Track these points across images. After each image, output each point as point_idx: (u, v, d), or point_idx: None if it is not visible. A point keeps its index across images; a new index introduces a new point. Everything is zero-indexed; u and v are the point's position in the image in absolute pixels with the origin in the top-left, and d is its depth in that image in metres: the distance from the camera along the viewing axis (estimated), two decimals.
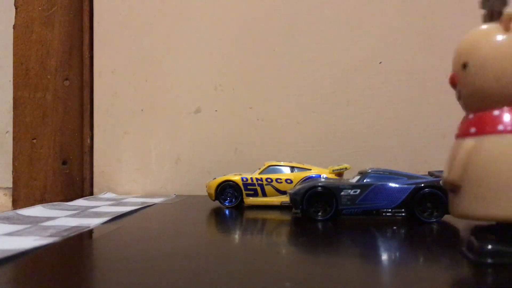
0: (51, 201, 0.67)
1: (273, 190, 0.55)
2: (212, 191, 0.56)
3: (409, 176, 0.45)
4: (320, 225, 0.42)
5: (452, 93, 0.33)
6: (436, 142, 0.70)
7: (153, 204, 0.58)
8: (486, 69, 0.28)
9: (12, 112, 0.75)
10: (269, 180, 0.55)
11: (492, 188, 0.26)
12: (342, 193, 0.44)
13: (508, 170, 0.26)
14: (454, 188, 0.28)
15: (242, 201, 0.56)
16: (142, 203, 0.59)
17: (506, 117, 0.27)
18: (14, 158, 0.74)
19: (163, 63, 0.78)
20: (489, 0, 0.29)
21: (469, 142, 0.29)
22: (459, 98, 0.30)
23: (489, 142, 0.27)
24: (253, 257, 0.31)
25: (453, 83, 0.30)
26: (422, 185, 0.43)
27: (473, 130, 0.29)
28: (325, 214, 0.44)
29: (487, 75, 0.28)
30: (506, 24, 0.28)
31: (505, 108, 0.27)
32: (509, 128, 0.27)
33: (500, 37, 0.28)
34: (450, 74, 0.30)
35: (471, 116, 0.30)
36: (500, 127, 0.27)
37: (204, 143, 0.76)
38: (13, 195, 0.74)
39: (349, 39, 0.73)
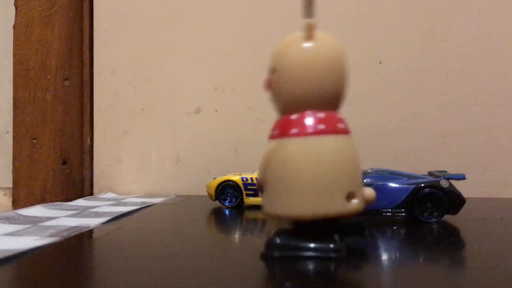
0: (51, 201, 0.67)
1: None
2: (212, 191, 0.56)
3: (409, 176, 0.45)
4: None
5: (452, 93, 0.33)
6: (436, 142, 0.70)
7: (153, 204, 0.58)
8: (289, 74, 0.29)
9: (12, 112, 0.74)
10: None
11: (282, 188, 0.28)
12: None
13: (295, 172, 0.28)
14: (261, 187, 0.30)
15: (242, 201, 0.55)
16: (142, 203, 0.59)
17: (301, 121, 0.29)
18: (14, 158, 0.74)
19: (163, 63, 0.78)
20: (309, 9, 0.30)
21: (270, 145, 0.30)
22: (272, 101, 0.31)
23: (284, 145, 0.29)
24: (253, 257, 0.31)
25: (266, 87, 0.31)
26: (422, 185, 0.43)
27: (276, 132, 0.30)
28: None
29: (290, 80, 0.29)
30: (308, 32, 0.29)
31: (307, 112, 0.29)
32: (302, 131, 0.28)
33: (303, 45, 0.29)
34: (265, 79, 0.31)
35: (278, 119, 0.31)
36: (294, 131, 0.28)
37: (204, 143, 0.76)
38: (13, 195, 0.74)
39: (349, 39, 0.73)
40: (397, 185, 0.44)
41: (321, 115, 0.29)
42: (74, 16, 0.77)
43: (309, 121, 0.29)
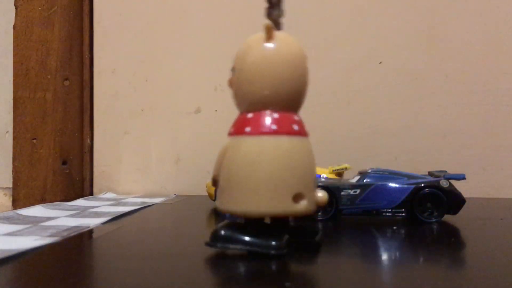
0: (51, 201, 0.67)
1: None
2: (212, 191, 0.56)
3: (409, 176, 0.45)
4: (320, 225, 0.42)
5: (452, 93, 0.33)
6: (436, 142, 0.70)
7: (153, 204, 0.58)
8: (247, 74, 0.30)
9: (12, 112, 0.74)
10: None
11: (231, 185, 0.29)
12: (342, 193, 0.44)
13: (243, 170, 0.28)
14: (215, 183, 0.31)
15: None
16: (142, 203, 0.59)
17: (255, 120, 0.29)
18: (14, 158, 0.74)
19: (163, 63, 0.78)
20: (271, 10, 0.31)
21: (226, 142, 0.30)
22: (233, 99, 0.32)
23: (237, 142, 0.29)
24: (253, 257, 0.31)
25: (229, 85, 0.31)
26: (422, 185, 0.43)
27: (232, 130, 0.31)
28: (325, 214, 0.44)
29: (248, 79, 0.30)
30: (268, 33, 0.29)
31: (262, 112, 0.29)
32: (254, 130, 0.29)
33: (261, 45, 0.30)
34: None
35: (238, 117, 0.31)
36: (247, 129, 0.29)
37: (204, 143, 0.76)
38: (13, 195, 0.74)
39: (349, 39, 0.73)
40: (397, 185, 0.44)
41: (276, 115, 0.29)
42: (74, 16, 0.77)
43: (262, 120, 0.29)
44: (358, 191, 0.44)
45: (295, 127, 0.29)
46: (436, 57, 0.71)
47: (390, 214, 0.44)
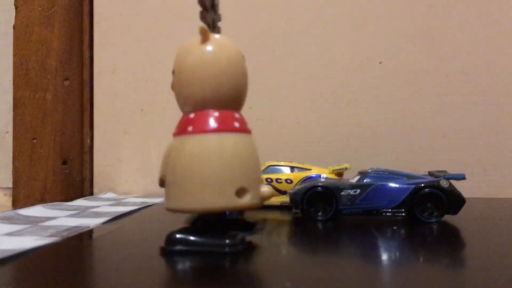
0: (51, 201, 0.67)
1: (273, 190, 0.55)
2: None
3: (409, 176, 0.45)
4: (320, 225, 0.42)
5: (452, 93, 0.33)
6: (436, 142, 0.70)
7: (153, 204, 0.58)
8: (184, 76, 0.31)
9: (12, 112, 0.74)
10: (269, 180, 0.55)
11: (176, 183, 0.30)
12: (342, 193, 0.44)
13: (186, 168, 0.29)
14: (162, 182, 0.32)
15: None
16: (142, 203, 0.59)
17: (196, 119, 0.30)
18: (14, 158, 0.74)
19: (163, 63, 0.78)
20: (205, 13, 0.32)
21: (171, 142, 0.31)
22: (176, 101, 0.32)
23: (181, 142, 0.30)
24: (253, 257, 0.31)
25: (172, 88, 0.32)
26: (422, 185, 0.43)
27: (176, 130, 0.31)
28: (325, 214, 0.44)
29: (185, 81, 0.30)
30: (203, 35, 0.30)
31: (203, 112, 0.30)
32: (196, 129, 0.30)
33: (196, 48, 0.31)
34: None
35: (181, 118, 0.32)
36: (189, 129, 0.30)
37: None
38: (13, 195, 0.74)
39: (349, 39, 0.73)
40: (397, 185, 0.44)
41: (217, 114, 0.30)
42: (74, 16, 0.77)
43: (204, 119, 0.30)
44: (358, 191, 0.44)
45: (237, 124, 0.30)
46: (436, 57, 0.71)
47: (390, 214, 0.44)
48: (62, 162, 0.75)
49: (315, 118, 0.74)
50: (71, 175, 0.76)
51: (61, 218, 0.45)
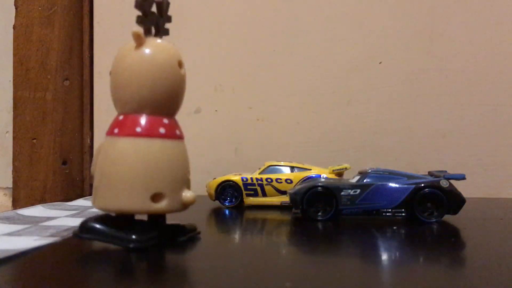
0: (51, 201, 0.67)
1: (273, 190, 0.55)
2: (212, 191, 0.56)
3: (409, 176, 0.45)
4: (320, 225, 0.42)
5: (451, 93, 0.33)
6: (436, 142, 0.70)
7: None
8: (117, 78, 0.31)
9: (12, 112, 0.74)
10: (269, 180, 0.55)
11: (99, 182, 0.31)
12: (342, 193, 0.44)
13: (107, 169, 0.30)
14: (92, 180, 0.32)
15: (242, 201, 0.55)
16: None
17: (123, 122, 0.31)
18: (14, 158, 0.74)
19: None
20: (142, 18, 0.32)
21: (102, 142, 0.32)
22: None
23: (108, 142, 0.31)
24: (253, 257, 0.31)
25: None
26: (422, 185, 0.43)
27: (107, 130, 0.32)
28: (325, 214, 0.44)
29: (118, 83, 0.31)
30: (136, 40, 0.31)
31: (131, 115, 0.31)
32: (121, 132, 0.30)
33: (129, 52, 0.31)
34: None
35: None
36: (115, 131, 0.31)
37: (204, 143, 0.76)
38: (13, 195, 0.74)
39: (349, 39, 0.73)
40: (397, 185, 0.44)
41: (143, 119, 0.31)
42: (74, 16, 0.77)
43: (128, 123, 0.31)
44: (358, 191, 0.44)
45: (162, 130, 0.31)
46: (436, 57, 0.71)
47: (390, 214, 0.44)
48: (62, 162, 0.75)
49: (315, 118, 0.73)
50: (71, 175, 0.76)
51: (61, 218, 0.45)
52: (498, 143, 0.70)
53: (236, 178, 0.56)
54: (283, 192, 0.54)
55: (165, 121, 0.32)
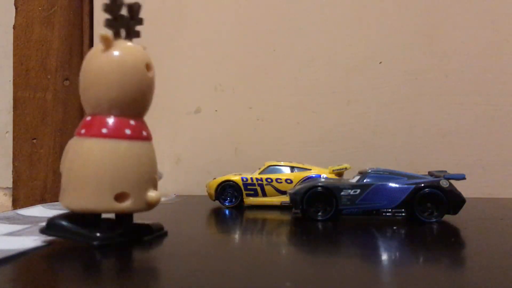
0: (51, 201, 0.67)
1: (273, 190, 0.55)
2: (212, 191, 0.56)
3: (409, 176, 0.45)
4: (320, 225, 0.42)
5: (451, 93, 0.33)
6: (436, 142, 0.70)
7: None
8: (83, 80, 0.32)
9: (12, 112, 0.74)
10: (269, 180, 0.55)
11: (65, 181, 0.32)
12: (342, 193, 0.44)
13: (72, 169, 0.31)
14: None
15: (242, 201, 0.55)
16: None
17: (89, 123, 0.32)
18: (14, 158, 0.74)
19: (163, 63, 0.78)
20: (111, 21, 0.32)
21: (70, 141, 0.33)
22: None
23: (75, 142, 0.32)
24: (253, 257, 0.31)
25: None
26: (422, 185, 0.43)
27: (76, 130, 0.33)
28: (325, 214, 0.44)
29: (85, 85, 0.32)
30: (103, 43, 0.31)
31: (98, 116, 0.31)
32: (87, 133, 0.31)
33: (99, 54, 0.31)
34: None
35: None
36: (82, 131, 0.32)
37: (204, 143, 0.76)
38: (13, 195, 0.74)
39: (349, 39, 0.73)
40: (397, 185, 0.44)
41: (109, 120, 0.31)
42: (74, 16, 0.77)
43: (94, 124, 0.31)
44: (358, 191, 0.44)
45: (128, 131, 0.32)
46: (436, 57, 0.71)
47: (390, 214, 0.44)
48: None
49: (315, 118, 0.73)
50: None
51: None
52: (498, 143, 0.70)
53: (236, 178, 0.56)
54: (283, 192, 0.54)
55: (132, 122, 0.32)
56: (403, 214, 0.44)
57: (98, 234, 0.31)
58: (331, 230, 0.41)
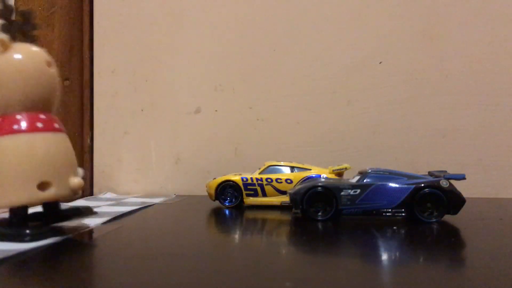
0: None
1: (273, 190, 0.55)
2: (212, 191, 0.56)
3: (409, 176, 0.45)
4: (320, 225, 0.42)
5: (452, 93, 0.33)
6: (436, 142, 0.70)
7: (153, 204, 0.58)
8: None
9: None
10: (269, 180, 0.55)
11: None
12: (342, 193, 0.44)
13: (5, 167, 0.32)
14: None
15: (242, 201, 0.56)
16: (142, 203, 0.59)
17: (3, 122, 0.33)
18: None
19: (163, 63, 0.78)
20: (6, 25, 0.34)
21: None
22: None
23: None
24: (253, 257, 0.31)
25: None
26: (422, 185, 0.43)
27: None
28: (325, 214, 0.44)
29: None
30: (0, 47, 0.33)
31: (8, 114, 0.33)
32: (1, 132, 0.32)
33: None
34: None
35: None
36: None
37: (204, 143, 0.76)
38: None
39: (349, 39, 0.73)
40: (397, 185, 0.44)
41: (19, 116, 0.33)
42: (74, 16, 0.77)
43: (5, 122, 0.33)
44: (358, 191, 0.44)
45: (39, 124, 0.33)
46: (436, 57, 0.71)
47: (390, 214, 0.44)
48: None
49: (315, 118, 0.74)
50: None
51: None
52: (498, 143, 0.70)
53: (236, 178, 0.56)
54: (283, 192, 0.54)
55: (42, 116, 0.34)
56: (403, 214, 0.44)
57: (27, 231, 0.32)
58: (331, 230, 0.41)
